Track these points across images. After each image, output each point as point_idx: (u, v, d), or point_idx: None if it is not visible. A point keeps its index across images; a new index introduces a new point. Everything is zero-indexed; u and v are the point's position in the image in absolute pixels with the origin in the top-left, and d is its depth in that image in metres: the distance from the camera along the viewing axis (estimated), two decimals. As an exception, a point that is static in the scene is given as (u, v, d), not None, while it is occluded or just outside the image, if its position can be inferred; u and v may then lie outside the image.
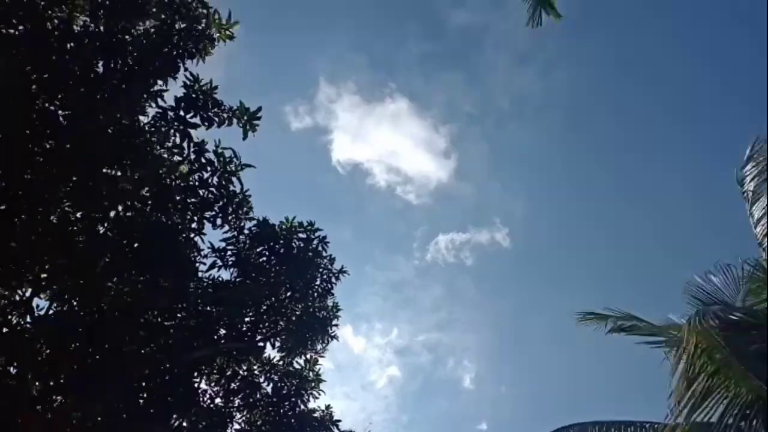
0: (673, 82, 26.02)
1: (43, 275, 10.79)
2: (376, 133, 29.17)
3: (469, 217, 30.64)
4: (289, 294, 12.75)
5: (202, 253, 11.93)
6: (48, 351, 10.84)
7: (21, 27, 9.82)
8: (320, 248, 12.79)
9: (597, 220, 29.03)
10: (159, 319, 11.59)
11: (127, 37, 10.26)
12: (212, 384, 12.57)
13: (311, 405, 12.90)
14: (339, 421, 12.95)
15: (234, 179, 11.31)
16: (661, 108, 26.82)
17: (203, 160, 11.03)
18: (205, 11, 10.82)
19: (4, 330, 10.64)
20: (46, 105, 9.92)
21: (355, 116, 28.14)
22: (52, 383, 10.82)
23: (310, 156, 28.91)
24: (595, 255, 29.16)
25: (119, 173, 10.59)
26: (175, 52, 10.53)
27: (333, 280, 13.07)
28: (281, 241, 12.47)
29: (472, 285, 30.68)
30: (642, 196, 27.35)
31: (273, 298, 12.56)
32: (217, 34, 10.94)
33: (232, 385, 12.63)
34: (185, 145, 10.88)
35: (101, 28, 10.22)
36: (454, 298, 31.35)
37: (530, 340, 29.61)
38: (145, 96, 10.55)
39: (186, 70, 10.78)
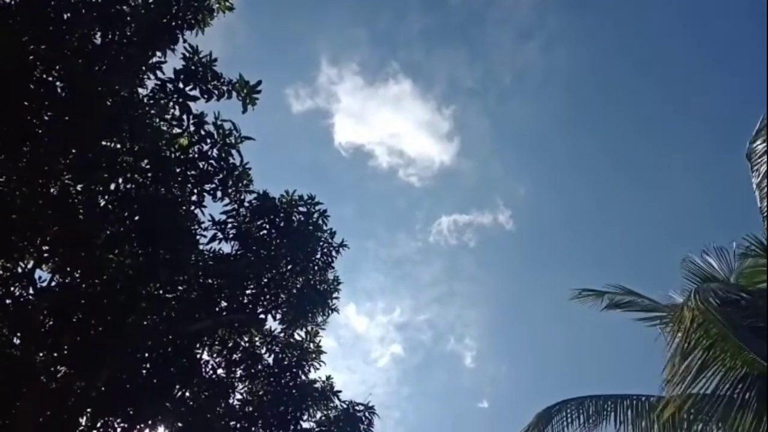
0: (676, 59, 25.73)
1: (45, 247, 10.84)
2: (379, 115, 28.90)
3: (471, 199, 30.52)
4: (289, 267, 12.82)
5: (202, 225, 11.98)
6: (51, 323, 10.96)
7: (17, -3, 9.69)
8: (321, 222, 12.81)
9: (599, 200, 28.92)
10: (160, 292, 11.68)
11: (125, 7, 10.12)
12: (214, 355, 12.73)
13: (312, 376, 13.12)
14: (339, 391, 13.16)
15: (233, 152, 11.28)
16: (663, 85, 26.57)
17: (203, 133, 10.98)
18: (203, -19, 10.66)
19: (7, 301, 10.74)
20: (45, 76, 9.84)
21: (358, 98, 27.85)
22: (55, 354, 10.96)
23: (311, 138, 28.69)
24: (598, 235, 29.15)
25: (118, 146, 10.56)
26: (173, 23, 10.40)
27: (333, 253, 13.13)
28: (282, 215, 12.48)
29: (474, 266, 30.75)
30: (644, 176, 27.18)
31: (274, 271, 12.63)
32: (216, 5, 10.80)
33: (234, 356, 12.80)
34: (184, 117, 10.82)
35: (99, -2, 10.09)
36: (456, 278, 31.44)
37: (531, 319, 29.75)
38: (143, 68, 10.45)
39: (185, 41, 10.68)
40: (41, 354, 10.87)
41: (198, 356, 12.33)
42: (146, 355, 11.60)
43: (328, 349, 13.49)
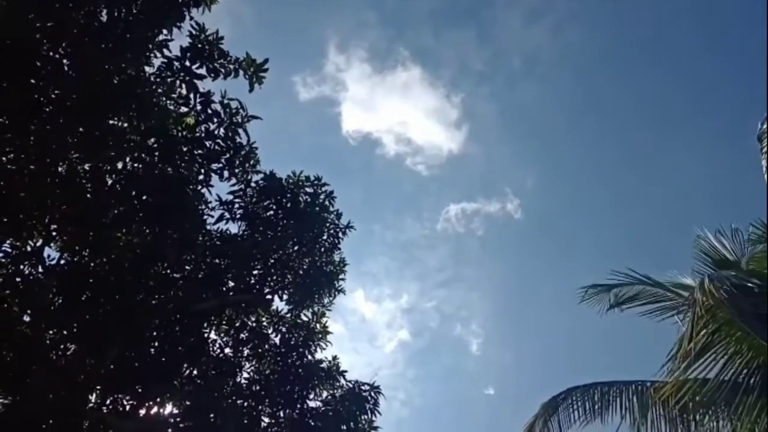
0: (687, 42, 25.29)
1: (53, 226, 10.89)
2: (387, 102, 28.73)
3: (480, 188, 30.44)
4: (296, 248, 12.84)
5: (209, 205, 11.99)
6: (60, 301, 11.04)
7: (23, -26, 9.61)
8: (327, 203, 12.80)
9: (608, 188, 28.68)
10: (168, 271, 11.74)
11: (130, -16, 10.03)
12: (221, 334, 12.81)
13: (318, 356, 13.16)
14: (345, 371, 13.21)
15: (240, 131, 11.24)
16: (674, 69, 26.15)
17: (209, 111, 10.93)
18: (210, -42, 10.53)
19: (17, 279, 10.82)
20: (51, 54, 9.79)
21: (366, 86, 27.66)
22: (64, 332, 11.05)
23: (319, 125, 28.57)
24: (606, 223, 28.98)
25: (125, 124, 10.53)
26: (180, 0, 10.30)
27: (340, 234, 13.14)
28: (288, 195, 12.47)
29: (481, 254, 30.71)
30: (654, 162, 26.84)
31: (280, 252, 12.65)
32: (223, -18, 10.68)
33: (241, 335, 12.87)
34: (191, 95, 10.76)
35: (104, -25, 10.00)
36: (463, 266, 31.43)
37: (538, 307, 29.76)
38: (150, 46, 10.38)
39: (192, 19, 10.58)
40: (51, 332, 10.96)
41: (205, 335, 12.39)
42: (154, 333, 11.67)
43: (336, 334, 13.55)
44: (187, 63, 10.61)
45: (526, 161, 29.35)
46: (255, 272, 12.66)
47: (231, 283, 12.41)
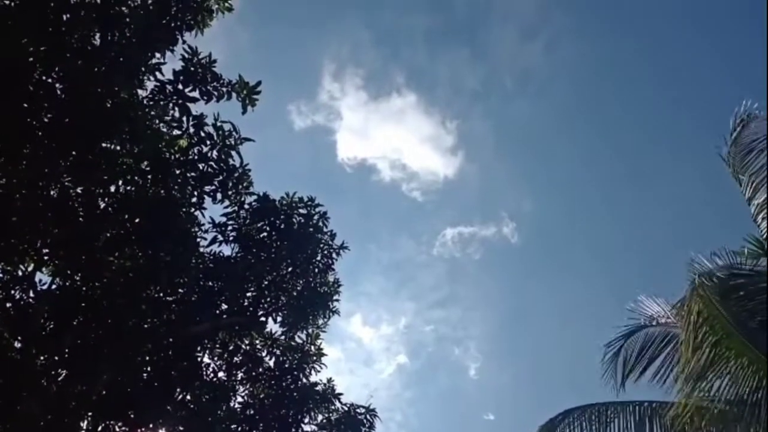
0: (683, 58, 25.59)
1: (45, 250, 10.80)
2: (383, 129, 29.00)
3: (476, 212, 30.59)
4: (290, 269, 12.79)
5: (202, 228, 11.95)
6: (51, 325, 10.91)
7: (17, -2, 9.67)
8: (321, 224, 12.79)
9: (605, 208, 28.71)
10: (161, 294, 11.64)
11: (124, 8, 10.09)
12: (215, 358, 12.67)
13: (313, 378, 13.04)
14: (341, 394, 13.09)
15: (233, 153, 11.24)
16: (670, 86, 26.43)
17: (202, 134, 10.93)
18: (203, -18, 10.64)
19: (8, 304, 10.70)
20: (44, 78, 9.82)
21: (361, 113, 27.91)
22: (56, 357, 10.90)
23: (314, 152, 28.71)
24: (605, 242, 28.99)
25: (118, 147, 10.52)
26: (173, 24, 10.38)
27: (334, 255, 13.10)
28: (282, 217, 12.47)
29: (479, 278, 30.70)
30: (652, 180, 26.80)
31: (274, 273, 12.60)
32: (216, 6, 10.78)
33: (235, 359, 12.74)
34: (184, 118, 10.78)
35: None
36: (461, 291, 31.39)
37: (537, 330, 29.66)
38: (143, 69, 10.43)
39: (184, 42, 10.66)
40: (42, 357, 10.81)
41: (199, 359, 12.26)
42: (147, 358, 11.54)
43: (333, 359, 13.46)
44: (180, 86, 10.65)
45: (523, 184, 29.49)
46: (248, 294, 12.59)
47: (224, 306, 12.32)
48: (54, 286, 10.99)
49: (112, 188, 10.90)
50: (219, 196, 11.60)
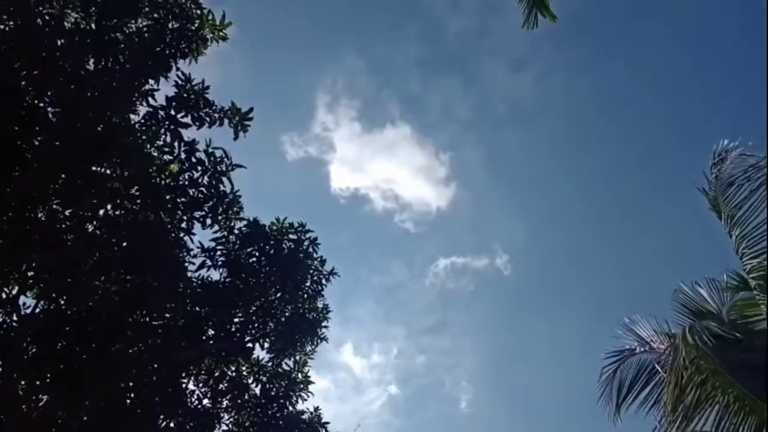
0: (673, 86, 25.88)
1: (30, 273, 10.69)
2: (376, 161, 29.30)
3: (469, 244, 30.72)
4: (278, 295, 12.70)
5: (191, 252, 11.88)
6: (34, 350, 10.76)
7: (11, 23, 9.72)
8: (311, 249, 12.76)
9: (597, 238, 28.82)
10: (147, 319, 11.53)
11: (118, 35, 10.17)
12: (200, 385, 12.50)
13: (300, 407, 12.88)
14: (327, 423, 12.92)
15: (224, 179, 11.26)
16: (662, 114, 26.74)
17: (194, 160, 10.96)
18: (198, 11, 10.76)
19: (-10, 328, 10.55)
20: (36, 102, 9.83)
21: (355, 144, 28.15)
22: (37, 382, 10.73)
23: (307, 183, 28.85)
24: (597, 273, 29.10)
25: (108, 171, 10.51)
26: (167, 52, 10.46)
27: (323, 281, 13.04)
28: (271, 242, 12.43)
29: (471, 310, 30.71)
30: (645, 209, 26.96)
31: (262, 299, 12.52)
32: (210, 35, 10.88)
33: (220, 386, 12.57)
34: (176, 144, 10.81)
35: (93, 25, 10.14)
36: (453, 323, 31.37)
37: (529, 363, 29.59)
38: (135, 95, 10.47)
39: (178, 69, 10.73)
40: (23, 382, 10.64)
41: (184, 386, 12.10)
42: (131, 384, 11.38)
43: (322, 389, 13.34)
44: (173, 112, 10.69)
45: (516, 215, 29.66)
46: (236, 320, 12.48)
47: (211, 332, 12.20)
48: (38, 310, 10.86)
49: (101, 212, 10.86)
50: (209, 221, 11.59)
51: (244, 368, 12.91)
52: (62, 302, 11.04)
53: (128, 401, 11.37)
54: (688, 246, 26.61)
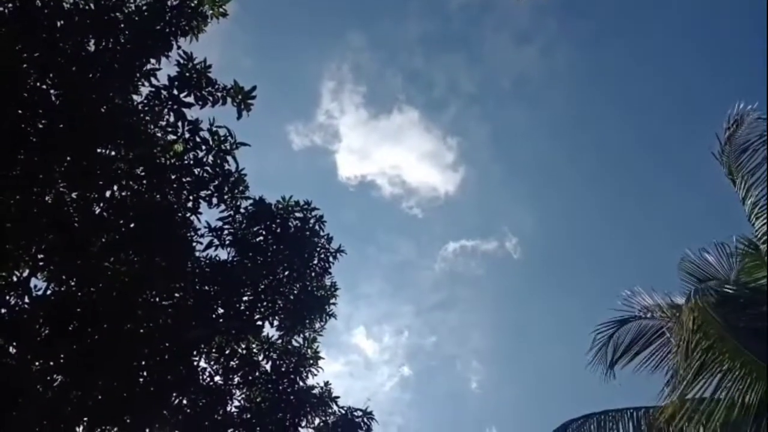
0: (678, 61, 25.50)
1: (40, 256, 10.78)
2: (383, 147, 29.13)
3: (478, 228, 30.65)
4: (286, 273, 12.76)
5: (198, 232, 11.93)
6: (46, 331, 10.89)
7: (10, 4, 9.67)
8: (317, 227, 12.78)
9: (604, 218, 28.68)
10: (156, 299, 11.62)
11: (118, 14, 10.11)
12: (211, 362, 12.64)
13: (310, 382, 13.01)
14: (338, 397, 13.07)
15: (229, 158, 11.24)
16: (666, 89, 26.37)
17: (198, 139, 10.94)
18: (196, -13, 10.65)
19: (2, 310, 10.68)
20: (38, 84, 9.82)
21: (362, 131, 27.98)
22: (51, 363, 10.88)
23: (315, 171, 28.78)
24: (604, 255, 28.99)
25: (113, 153, 10.53)
26: (167, 30, 10.39)
27: (330, 259, 13.09)
28: (278, 221, 12.44)
29: (481, 293, 30.76)
30: (651, 188, 26.72)
31: (271, 278, 12.57)
32: (210, 11, 10.80)
33: (231, 363, 12.69)
34: (179, 123, 10.79)
35: (92, 5, 10.07)
36: (463, 306, 31.45)
37: (538, 343, 29.71)
38: (137, 75, 10.43)
39: (179, 48, 10.66)
40: (37, 363, 10.79)
41: (195, 364, 12.22)
42: (143, 363, 11.51)
43: (335, 372, 13.46)
44: (175, 91, 10.66)
45: (524, 198, 29.56)
46: (245, 298, 12.55)
47: (221, 310, 12.29)
48: (49, 292, 10.97)
49: (107, 194, 10.89)
50: (215, 200, 11.60)
51: (254, 345, 13.04)
52: (72, 284, 11.14)
53: (141, 380, 11.52)
54: (698, 225, 26.46)
